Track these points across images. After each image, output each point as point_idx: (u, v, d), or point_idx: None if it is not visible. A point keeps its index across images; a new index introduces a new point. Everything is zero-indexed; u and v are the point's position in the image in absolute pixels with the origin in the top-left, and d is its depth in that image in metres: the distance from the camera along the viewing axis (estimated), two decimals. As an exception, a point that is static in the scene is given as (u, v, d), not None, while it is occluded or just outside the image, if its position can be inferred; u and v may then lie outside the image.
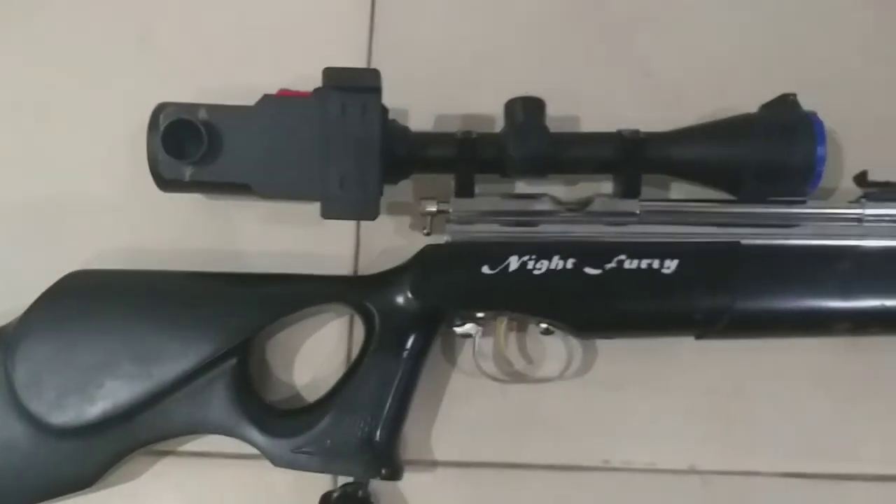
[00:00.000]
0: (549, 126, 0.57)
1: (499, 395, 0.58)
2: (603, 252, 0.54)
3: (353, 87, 0.51)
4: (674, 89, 0.63)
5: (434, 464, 0.57)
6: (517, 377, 0.58)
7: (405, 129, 0.57)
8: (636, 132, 0.55)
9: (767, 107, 0.56)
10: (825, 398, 0.57)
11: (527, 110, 0.55)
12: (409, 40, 0.65)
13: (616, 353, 0.58)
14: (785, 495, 0.56)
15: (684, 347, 0.57)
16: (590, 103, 0.63)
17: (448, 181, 0.57)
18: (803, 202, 0.56)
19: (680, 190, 0.60)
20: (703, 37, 0.64)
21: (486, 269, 0.54)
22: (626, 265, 0.54)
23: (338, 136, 0.52)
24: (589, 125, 0.62)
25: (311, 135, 0.52)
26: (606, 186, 0.59)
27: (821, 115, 0.61)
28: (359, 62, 0.65)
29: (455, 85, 0.64)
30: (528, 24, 0.65)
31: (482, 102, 0.61)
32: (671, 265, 0.53)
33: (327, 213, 0.51)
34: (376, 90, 0.51)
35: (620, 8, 0.65)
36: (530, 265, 0.54)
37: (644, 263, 0.53)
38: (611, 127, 0.57)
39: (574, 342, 0.56)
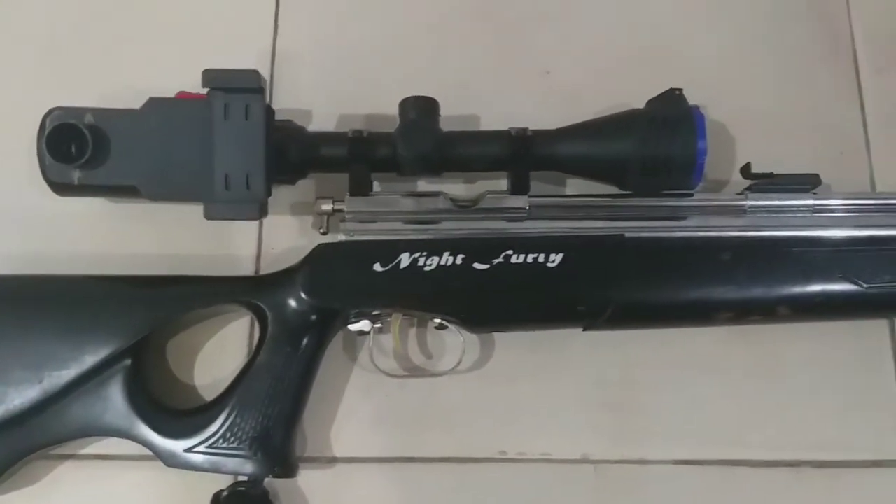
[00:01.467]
0: (448, 125, 0.58)
1: (398, 391, 0.58)
2: (491, 247, 0.55)
3: (235, 89, 0.52)
4: (571, 87, 0.65)
5: (333, 460, 0.58)
6: (416, 372, 0.59)
7: (299, 130, 0.58)
8: (524, 130, 0.56)
9: (653, 102, 0.57)
10: (713, 386, 0.59)
11: (419, 109, 0.56)
12: (314, 43, 0.66)
13: (512, 345, 0.59)
14: (676, 482, 0.57)
15: (577, 339, 0.57)
16: (489, 102, 0.64)
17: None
18: (690, 195, 0.57)
19: (577, 185, 0.62)
20: (600, 36, 0.66)
21: (377, 267, 0.54)
22: (513, 260, 0.55)
23: (222, 138, 0.52)
24: (488, 124, 0.62)
25: (197, 136, 0.53)
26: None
27: (715, 110, 0.63)
28: (264, 65, 0.66)
29: (359, 86, 0.65)
30: (430, 26, 0.66)
31: (386, 103, 0.61)
32: (556, 259, 0.54)
33: (210, 214, 0.52)
34: (258, 91, 0.52)
35: (518, 9, 0.67)
36: (421, 262, 0.54)
37: (530, 258, 0.55)
38: (510, 125, 0.58)
39: (470, 336, 0.57)
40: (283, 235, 0.61)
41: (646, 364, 0.59)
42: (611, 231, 0.56)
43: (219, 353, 0.59)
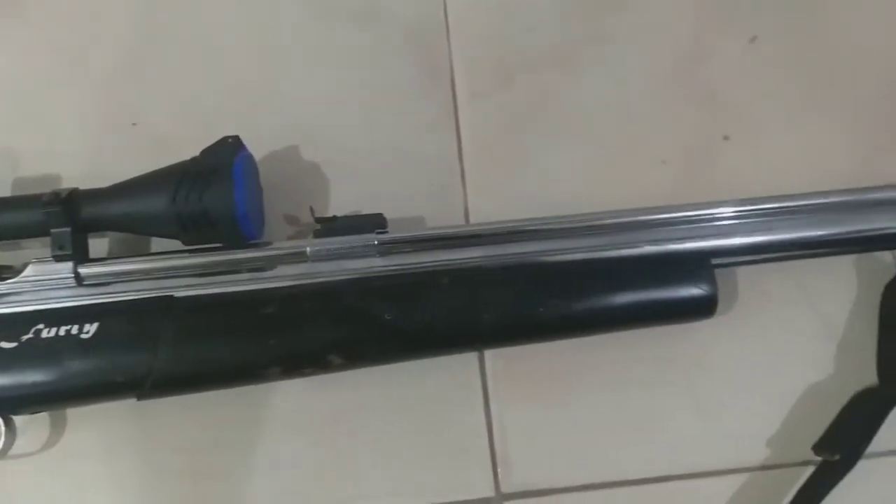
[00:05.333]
0: (24, 188, 0.55)
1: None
2: (20, 322, 0.51)
3: None
4: (161, 138, 0.62)
5: None
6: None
7: None
8: (56, 194, 0.53)
9: (205, 152, 0.54)
10: (299, 441, 0.56)
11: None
12: None
13: (86, 420, 0.56)
14: (261, 547, 0.54)
15: (155, 406, 0.54)
16: (74, 159, 0.61)
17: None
18: (253, 246, 0.55)
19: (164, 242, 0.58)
20: (191, 82, 0.63)
21: None
22: (44, 334, 0.51)
23: None
24: (71, 182, 0.58)
25: None
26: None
27: (314, 151, 0.62)
28: None
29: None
30: (9, 83, 0.63)
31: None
32: (91, 329, 0.51)
33: None
34: None
35: (102, 59, 0.63)
36: (-61, 346, 0.51)
37: (63, 330, 0.51)
38: (94, 182, 0.55)
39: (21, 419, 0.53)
40: None
41: (229, 425, 0.56)
42: (158, 292, 0.53)
43: None
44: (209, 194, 0.52)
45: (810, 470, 0.55)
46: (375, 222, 0.55)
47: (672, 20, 0.65)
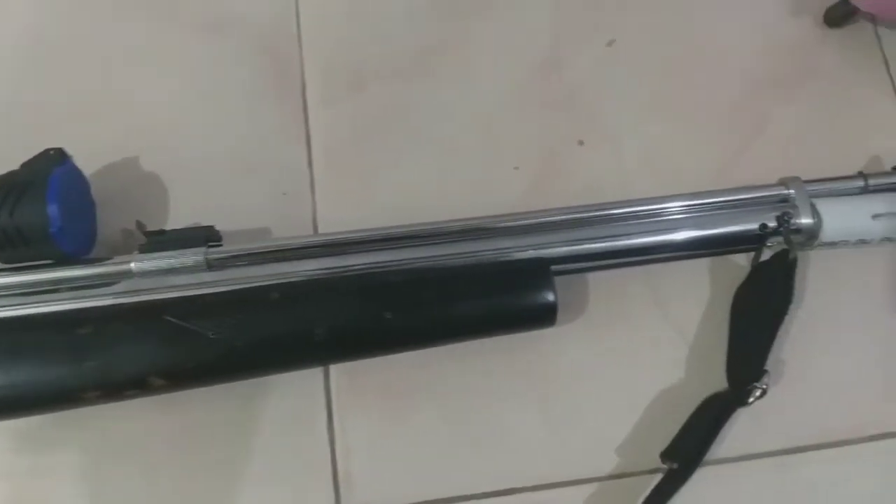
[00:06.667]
0: None
1: None
2: None
3: None
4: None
5: None
6: None
7: None
8: None
9: (24, 165, 0.52)
10: (131, 469, 0.54)
11: None
12: None
13: None
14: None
15: None
16: None
17: None
18: (77, 263, 0.53)
19: None
20: (25, 88, 0.61)
21: None
22: None
23: None
24: None
25: None
26: None
27: (157, 159, 0.60)
28: None
29: None
30: None
31: None
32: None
33: None
34: None
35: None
36: None
37: None
38: None
39: None
40: None
41: (54, 450, 0.54)
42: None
43: None
44: (21, 210, 0.49)
45: (659, 478, 0.54)
46: (207, 235, 0.53)
47: (529, 25, 0.64)
